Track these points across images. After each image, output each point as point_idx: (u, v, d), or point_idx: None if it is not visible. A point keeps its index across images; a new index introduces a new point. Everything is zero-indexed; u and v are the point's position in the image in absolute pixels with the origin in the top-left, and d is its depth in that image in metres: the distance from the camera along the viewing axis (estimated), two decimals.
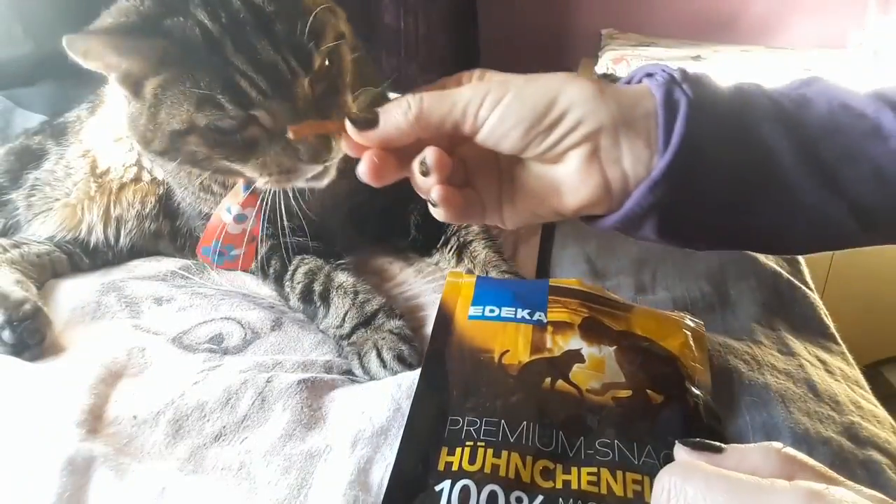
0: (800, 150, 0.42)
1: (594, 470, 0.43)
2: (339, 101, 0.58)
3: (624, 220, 0.43)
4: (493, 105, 0.41)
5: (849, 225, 0.43)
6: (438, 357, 0.52)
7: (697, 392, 0.49)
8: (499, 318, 0.53)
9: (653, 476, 0.30)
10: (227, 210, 0.67)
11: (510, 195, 0.46)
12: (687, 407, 0.48)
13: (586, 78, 0.43)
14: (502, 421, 0.45)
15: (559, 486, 0.42)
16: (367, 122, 0.43)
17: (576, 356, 0.50)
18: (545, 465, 0.43)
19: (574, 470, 0.43)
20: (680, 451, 0.32)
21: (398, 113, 0.42)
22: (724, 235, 0.45)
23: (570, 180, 0.43)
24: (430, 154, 0.42)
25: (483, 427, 0.45)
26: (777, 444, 0.30)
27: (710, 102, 0.42)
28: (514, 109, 0.41)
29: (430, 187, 0.43)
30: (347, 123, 0.43)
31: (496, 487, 0.41)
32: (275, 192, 0.61)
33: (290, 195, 0.63)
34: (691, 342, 0.54)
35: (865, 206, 0.42)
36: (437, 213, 0.44)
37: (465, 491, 0.41)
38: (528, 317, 0.53)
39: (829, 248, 0.47)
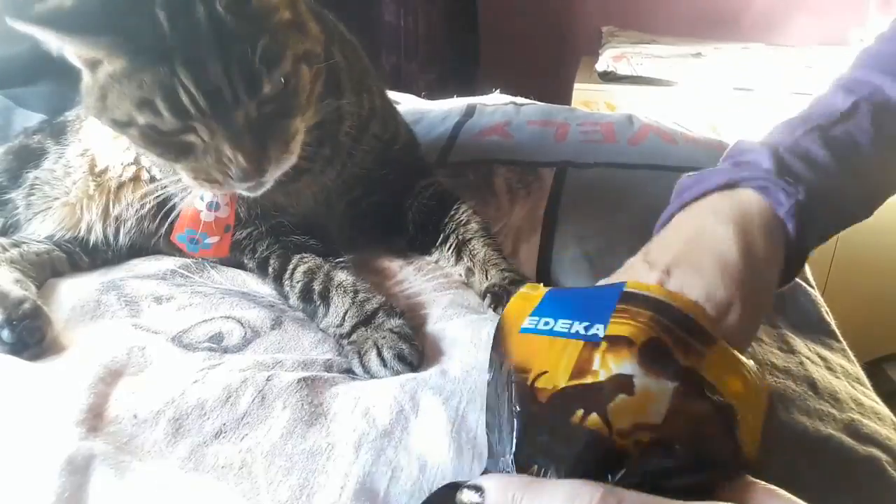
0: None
1: None
2: (287, 124, 0.59)
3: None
4: None
5: None
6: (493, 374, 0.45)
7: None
8: (550, 332, 0.45)
9: None
10: (200, 198, 0.66)
11: None
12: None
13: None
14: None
15: None
16: None
17: (624, 385, 0.40)
18: None
19: None
20: None
21: None
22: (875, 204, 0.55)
23: None
24: None
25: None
26: None
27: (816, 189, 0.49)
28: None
29: None
30: None
31: None
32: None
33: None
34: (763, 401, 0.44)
35: None
36: None
37: None
38: (582, 331, 0.45)
39: None
